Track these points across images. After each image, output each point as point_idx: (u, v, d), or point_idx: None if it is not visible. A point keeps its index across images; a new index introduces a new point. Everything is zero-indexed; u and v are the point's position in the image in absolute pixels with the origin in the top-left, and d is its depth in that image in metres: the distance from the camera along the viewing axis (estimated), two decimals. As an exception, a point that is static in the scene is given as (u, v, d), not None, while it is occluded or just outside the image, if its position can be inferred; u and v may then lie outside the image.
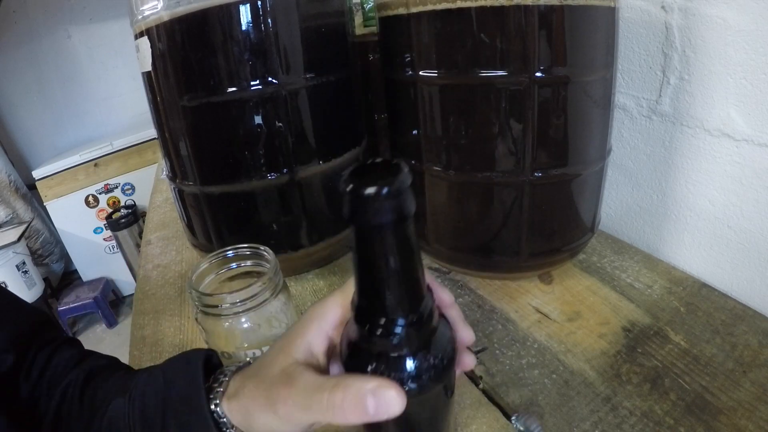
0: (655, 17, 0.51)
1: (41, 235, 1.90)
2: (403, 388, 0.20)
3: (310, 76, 0.48)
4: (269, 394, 0.24)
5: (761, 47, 0.43)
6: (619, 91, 0.58)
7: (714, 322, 0.44)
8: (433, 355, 0.21)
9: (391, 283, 0.20)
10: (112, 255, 1.90)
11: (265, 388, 0.24)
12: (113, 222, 1.74)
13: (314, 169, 0.51)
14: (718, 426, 0.34)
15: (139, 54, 0.48)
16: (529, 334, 0.45)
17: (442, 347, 0.22)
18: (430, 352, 0.21)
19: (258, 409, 0.24)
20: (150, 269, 0.66)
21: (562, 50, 0.39)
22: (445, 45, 0.41)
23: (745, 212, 0.48)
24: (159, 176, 1.07)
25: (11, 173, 1.82)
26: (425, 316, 0.21)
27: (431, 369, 0.21)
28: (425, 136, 0.47)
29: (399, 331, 0.20)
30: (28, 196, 1.88)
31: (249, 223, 0.52)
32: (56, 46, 1.86)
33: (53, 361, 0.34)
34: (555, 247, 0.48)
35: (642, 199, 0.59)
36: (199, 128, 0.48)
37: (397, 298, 0.20)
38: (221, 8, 0.42)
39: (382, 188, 0.16)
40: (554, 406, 0.37)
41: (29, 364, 0.33)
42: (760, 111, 0.44)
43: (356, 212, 0.17)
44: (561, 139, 0.43)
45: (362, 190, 0.16)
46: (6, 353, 0.32)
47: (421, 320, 0.21)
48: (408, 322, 0.20)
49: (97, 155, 1.79)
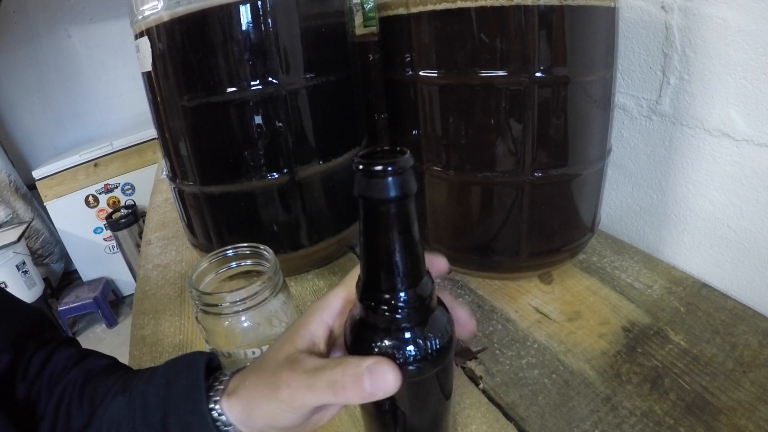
0: (655, 17, 0.51)
1: (41, 235, 1.90)
2: (402, 368, 0.21)
3: (310, 76, 0.48)
4: (272, 380, 0.24)
5: (761, 47, 0.43)
6: (619, 91, 0.58)
7: (714, 322, 0.44)
8: (432, 335, 0.22)
9: (393, 256, 0.21)
10: (112, 255, 1.90)
11: (268, 376, 0.25)
12: (113, 222, 1.74)
13: (314, 169, 0.51)
14: (718, 426, 0.34)
15: (139, 54, 0.48)
16: (529, 334, 0.45)
17: (441, 329, 0.23)
18: (428, 331, 0.22)
19: (259, 396, 0.24)
20: (150, 269, 0.66)
21: (562, 50, 0.39)
22: (445, 45, 0.41)
23: (745, 212, 0.48)
24: (159, 176, 1.07)
25: (11, 173, 1.82)
26: (426, 295, 0.22)
27: (429, 350, 0.22)
28: (425, 136, 0.47)
29: (400, 305, 0.21)
30: (28, 196, 1.88)
31: (249, 223, 0.52)
32: (56, 46, 1.86)
33: (52, 361, 0.33)
34: (555, 247, 0.48)
35: (642, 199, 0.59)
36: (199, 128, 0.48)
37: (399, 270, 0.21)
38: (221, 8, 0.42)
39: (388, 166, 0.19)
40: (554, 406, 0.37)
41: (26, 364, 0.33)
42: (760, 111, 0.44)
43: (365, 187, 0.20)
44: (561, 139, 0.43)
45: (371, 167, 0.19)
46: (2, 353, 0.32)
47: (422, 298, 0.22)
48: (408, 298, 0.21)
49: (97, 155, 1.79)
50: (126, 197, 1.89)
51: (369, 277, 0.22)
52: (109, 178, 1.83)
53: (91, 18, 1.88)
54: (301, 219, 0.52)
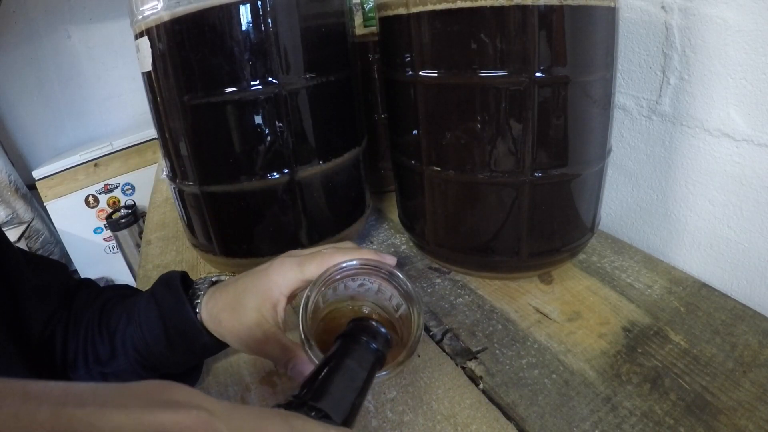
0: (655, 17, 0.51)
1: (41, 235, 1.90)
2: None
3: (310, 76, 0.48)
4: (245, 338, 0.34)
5: (761, 47, 0.43)
6: (619, 91, 0.58)
7: (714, 322, 0.44)
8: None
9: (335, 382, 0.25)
10: (112, 255, 1.90)
11: (240, 326, 0.35)
12: (113, 222, 1.73)
13: (314, 169, 0.51)
14: (718, 426, 0.34)
15: (139, 54, 0.48)
16: (529, 334, 0.45)
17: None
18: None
19: (228, 333, 0.35)
20: (150, 269, 0.66)
21: (562, 50, 0.39)
22: (445, 45, 0.41)
23: (745, 212, 0.48)
24: (159, 176, 1.07)
25: (11, 173, 1.82)
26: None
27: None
28: (425, 136, 0.47)
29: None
30: (28, 196, 1.88)
31: (249, 223, 0.52)
32: (56, 46, 1.86)
33: (73, 307, 0.40)
34: (555, 247, 0.48)
35: (642, 199, 0.59)
36: (199, 128, 0.48)
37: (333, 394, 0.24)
38: (221, 8, 0.42)
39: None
40: (554, 406, 0.37)
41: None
42: (760, 111, 0.44)
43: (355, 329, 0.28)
44: (561, 139, 0.43)
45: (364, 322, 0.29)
46: (59, 310, 0.39)
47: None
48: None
49: (97, 155, 1.79)
50: (126, 197, 1.88)
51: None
52: (109, 178, 1.83)
53: (91, 18, 1.88)
54: (301, 219, 0.52)
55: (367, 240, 0.66)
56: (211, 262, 0.58)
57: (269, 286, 0.35)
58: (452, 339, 0.45)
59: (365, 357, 0.27)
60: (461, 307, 0.49)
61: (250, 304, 0.34)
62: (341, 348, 0.27)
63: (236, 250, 0.54)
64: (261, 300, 0.34)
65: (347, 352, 0.27)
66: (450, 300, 0.50)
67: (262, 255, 0.53)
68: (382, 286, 0.35)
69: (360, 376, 0.26)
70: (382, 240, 0.65)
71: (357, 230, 0.60)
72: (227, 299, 0.36)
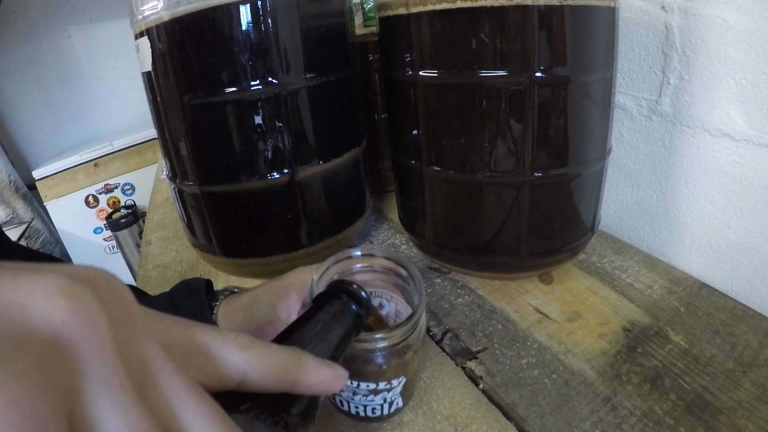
0: (655, 17, 0.51)
1: (41, 235, 1.90)
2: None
3: (310, 76, 0.48)
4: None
5: (761, 47, 0.43)
6: (619, 91, 0.58)
7: (714, 322, 0.44)
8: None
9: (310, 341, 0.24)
10: (112, 255, 1.90)
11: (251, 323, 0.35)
12: (113, 222, 1.73)
13: (314, 169, 0.51)
14: (718, 426, 0.34)
15: (139, 54, 0.48)
16: (529, 334, 0.45)
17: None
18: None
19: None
20: (150, 269, 0.66)
21: (562, 50, 0.39)
22: (445, 45, 0.41)
23: (745, 212, 0.48)
24: (159, 176, 1.07)
25: (11, 173, 1.82)
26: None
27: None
28: (425, 136, 0.47)
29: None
30: (28, 196, 1.88)
31: (249, 223, 0.52)
32: (56, 46, 1.86)
33: None
34: (555, 247, 0.48)
35: (642, 199, 0.59)
36: (199, 128, 0.48)
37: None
38: (221, 8, 0.42)
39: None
40: (554, 406, 0.37)
41: None
42: (760, 111, 0.44)
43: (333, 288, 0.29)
44: (561, 139, 0.43)
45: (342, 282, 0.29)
46: None
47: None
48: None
49: (97, 155, 1.79)
50: (126, 197, 1.88)
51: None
52: (109, 178, 1.83)
53: (91, 18, 1.88)
54: (301, 219, 0.52)
55: (367, 240, 0.66)
56: (211, 262, 0.58)
57: (285, 285, 0.36)
58: (452, 339, 0.45)
59: (341, 312, 0.27)
60: (461, 307, 0.49)
61: (264, 301, 0.36)
62: (316, 304, 0.28)
63: (236, 250, 0.54)
64: (275, 297, 0.36)
65: (321, 306, 0.27)
66: (450, 300, 0.50)
67: (262, 255, 0.53)
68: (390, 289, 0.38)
69: (335, 331, 0.26)
70: (382, 240, 0.65)
71: (357, 230, 0.60)
72: (244, 299, 0.37)
